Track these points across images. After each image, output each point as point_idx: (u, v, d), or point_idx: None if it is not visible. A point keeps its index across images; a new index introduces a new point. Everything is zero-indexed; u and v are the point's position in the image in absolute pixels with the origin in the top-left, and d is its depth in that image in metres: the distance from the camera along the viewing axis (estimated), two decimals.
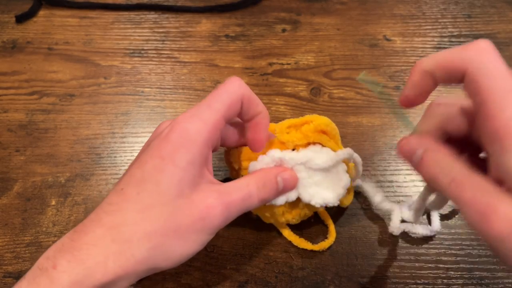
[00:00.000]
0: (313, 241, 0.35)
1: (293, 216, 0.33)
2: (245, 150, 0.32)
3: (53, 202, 0.39)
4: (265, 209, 0.33)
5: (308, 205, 0.32)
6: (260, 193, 0.27)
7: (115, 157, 0.42)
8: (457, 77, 0.22)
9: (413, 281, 0.34)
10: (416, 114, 0.37)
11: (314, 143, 0.32)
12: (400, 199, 0.38)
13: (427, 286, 0.34)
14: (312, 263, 0.35)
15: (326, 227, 0.36)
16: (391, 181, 0.39)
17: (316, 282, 0.34)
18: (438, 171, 0.22)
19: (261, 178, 0.28)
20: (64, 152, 0.42)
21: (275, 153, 0.30)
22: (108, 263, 0.23)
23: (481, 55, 0.21)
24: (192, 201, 0.24)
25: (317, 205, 0.31)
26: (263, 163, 0.30)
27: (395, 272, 0.34)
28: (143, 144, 0.43)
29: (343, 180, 0.32)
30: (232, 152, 0.33)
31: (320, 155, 0.31)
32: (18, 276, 0.35)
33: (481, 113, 0.20)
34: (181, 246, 0.24)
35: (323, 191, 0.31)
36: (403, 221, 0.35)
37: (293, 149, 0.31)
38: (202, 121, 0.25)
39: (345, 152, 0.31)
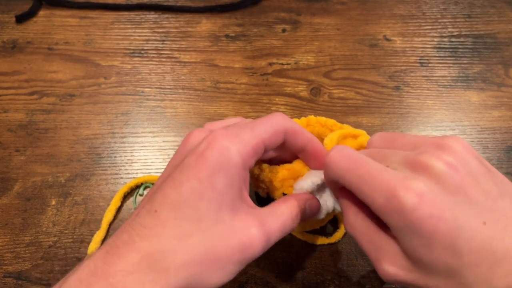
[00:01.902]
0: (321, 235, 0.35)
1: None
2: (293, 168, 0.30)
3: (53, 202, 0.39)
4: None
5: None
6: (293, 222, 0.26)
7: (115, 157, 0.42)
8: None
9: None
10: None
11: None
12: None
13: None
14: (312, 263, 0.35)
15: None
16: None
17: (316, 282, 0.34)
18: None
19: (295, 206, 0.27)
20: (64, 152, 0.42)
21: (313, 177, 0.28)
22: None
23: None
24: (233, 229, 0.23)
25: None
26: (308, 185, 0.28)
27: None
28: (143, 144, 0.43)
29: None
30: (262, 167, 0.30)
31: None
32: (18, 276, 0.35)
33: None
34: (217, 276, 0.23)
35: None
36: None
37: None
38: (242, 142, 0.24)
39: None
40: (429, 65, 0.49)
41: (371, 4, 0.55)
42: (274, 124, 0.25)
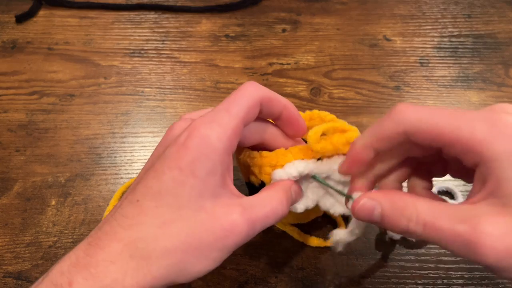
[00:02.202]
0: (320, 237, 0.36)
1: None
2: (270, 156, 0.29)
3: (53, 202, 0.39)
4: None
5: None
6: (282, 208, 0.26)
7: (115, 157, 0.42)
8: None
9: (413, 281, 0.34)
10: None
11: (339, 154, 0.30)
12: None
13: (427, 286, 0.33)
14: (312, 263, 0.35)
15: (323, 222, 0.36)
16: None
17: (316, 282, 0.34)
18: (406, 223, 0.22)
19: (283, 192, 0.26)
20: (64, 152, 0.42)
21: (299, 165, 0.28)
22: (126, 280, 0.22)
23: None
24: (215, 216, 0.23)
25: (336, 214, 0.30)
26: (287, 174, 0.28)
27: (395, 272, 0.34)
28: (143, 144, 0.43)
29: None
30: (252, 155, 0.30)
31: None
32: (18, 276, 0.35)
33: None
34: (200, 264, 0.23)
35: (343, 200, 0.30)
36: None
37: (318, 159, 0.30)
38: (221, 127, 0.23)
39: None
40: (429, 65, 0.49)
41: (371, 4, 0.55)
42: (248, 98, 0.25)
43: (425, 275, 0.34)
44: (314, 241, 0.35)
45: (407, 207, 0.22)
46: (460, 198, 0.37)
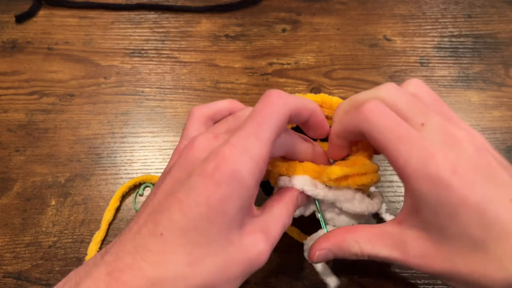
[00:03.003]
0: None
1: None
2: (281, 166, 0.29)
3: (53, 202, 0.39)
4: None
5: None
6: (290, 220, 0.27)
7: (115, 157, 0.42)
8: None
9: (413, 281, 0.34)
10: None
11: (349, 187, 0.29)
12: (400, 198, 0.38)
13: (427, 286, 0.33)
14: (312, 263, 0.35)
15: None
16: (391, 181, 0.39)
17: (316, 282, 0.34)
18: (355, 257, 0.26)
19: (291, 204, 0.27)
20: (64, 152, 0.42)
21: (306, 183, 0.28)
22: None
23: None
24: (243, 249, 0.23)
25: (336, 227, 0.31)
26: (292, 185, 0.28)
27: (395, 272, 0.34)
28: (143, 144, 0.43)
29: (365, 212, 0.30)
30: (279, 165, 0.29)
31: (352, 203, 0.29)
32: (18, 276, 0.35)
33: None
34: None
35: (343, 217, 0.30)
36: None
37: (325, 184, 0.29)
38: (253, 160, 0.22)
39: (377, 205, 0.29)
40: (429, 65, 0.49)
41: (371, 4, 0.55)
42: (278, 116, 0.24)
43: (425, 275, 0.34)
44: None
45: (351, 246, 0.26)
46: None
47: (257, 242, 0.23)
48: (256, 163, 0.22)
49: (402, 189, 0.38)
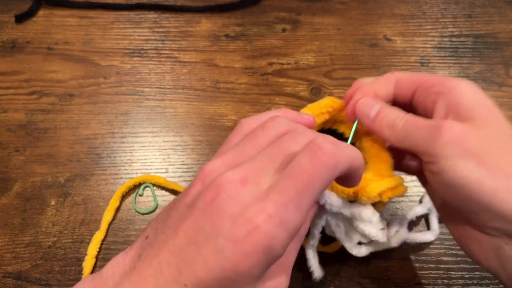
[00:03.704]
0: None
1: None
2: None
3: (53, 202, 0.39)
4: None
5: None
6: (302, 239, 0.25)
7: (115, 157, 0.42)
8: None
9: (413, 282, 0.34)
10: None
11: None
12: (400, 199, 0.38)
13: (427, 287, 0.33)
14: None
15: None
16: None
17: (316, 282, 0.34)
18: (394, 117, 0.27)
19: (306, 223, 0.25)
20: (64, 152, 0.42)
21: (334, 202, 0.26)
22: None
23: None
24: None
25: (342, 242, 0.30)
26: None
27: (395, 273, 0.34)
28: (142, 144, 0.43)
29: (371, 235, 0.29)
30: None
31: (371, 227, 0.28)
32: (17, 276, 0.35)
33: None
34: None
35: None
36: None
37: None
38: (289, 233, 0.20)
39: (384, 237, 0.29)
40: (430, 65, 0.49)
41: (371, 3, 0.55)
42: (326, 180, 0.20)
43: (425, 275, 0.34)
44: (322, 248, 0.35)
45: (397, 110, 0.27)
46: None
47: (279, 284, 0.23)
48: (292, 235, 0.20)
49: None
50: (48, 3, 0.55)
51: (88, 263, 0.35)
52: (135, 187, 0.40)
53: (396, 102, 0.29)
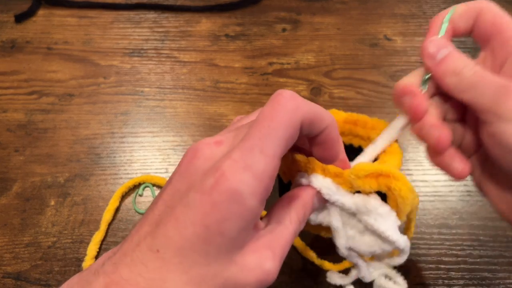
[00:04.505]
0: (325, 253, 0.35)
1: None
2: (302, 161, 0.26)
3: (52, 202, 0.38)
4: None
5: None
6: (301, 225, 0.24)
7: (115, 157, 0.42)
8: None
9: (414, 282, 0.34)
10: None
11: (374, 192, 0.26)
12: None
13: (428, 287, 0.33)
14: (312, 264, 0.35)
15: None
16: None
17: (316, 282, 0.34)
18: (462, 66, 0.25)
19: (302, 207, 0.24)
20: (64, 152, 0.42)
21: (325, 184, 0.25)
22: None
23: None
24: (246, 268, 0.21)
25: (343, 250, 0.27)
26: (307, 182, 0.25)
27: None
28: (142, 144, 0.43)
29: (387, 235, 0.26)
30: (299, 161, 0.26)
31: (381, 221, 0.25)
32: (17, 276, 0.34)
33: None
34: None
35: (366, 237, 0.27)
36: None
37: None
38: (256, 177, 0.20)
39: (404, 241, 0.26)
40: None
41: (371, 3, 0.55)
42: (287, 126, 0.20)
43: (425, 275, 0.34)
44: (325, 264, 0.34)
45: (467, 58, 0.25)
46: None
47: (263, 261, 0.22)
48: (260, 180, 0.20)
49: None
50: (47, 3, 0.55)
51: (87, 263, 0.35)
52: (135, 187, 0.39)
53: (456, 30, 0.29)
